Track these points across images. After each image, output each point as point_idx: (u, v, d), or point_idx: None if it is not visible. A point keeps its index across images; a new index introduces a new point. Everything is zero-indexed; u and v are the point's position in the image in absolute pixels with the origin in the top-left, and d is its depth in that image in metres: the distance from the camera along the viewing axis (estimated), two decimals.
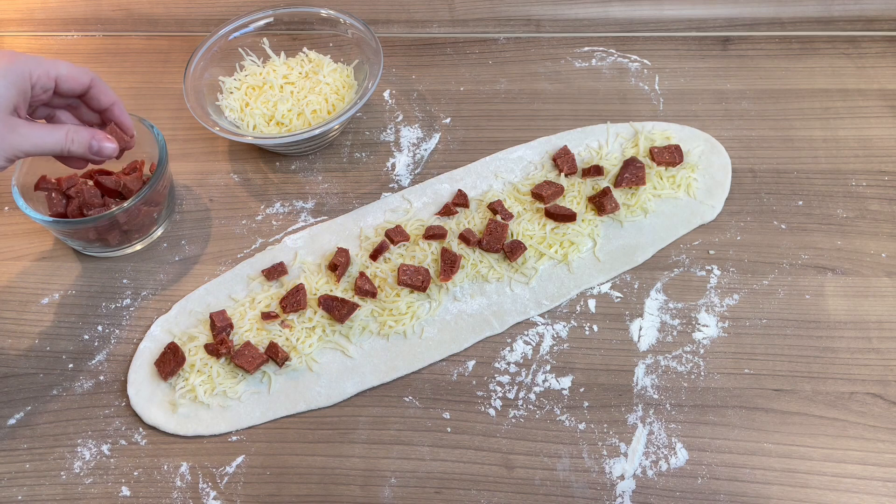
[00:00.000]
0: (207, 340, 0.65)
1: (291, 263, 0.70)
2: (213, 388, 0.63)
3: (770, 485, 0.57)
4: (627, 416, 0.61)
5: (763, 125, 0.79)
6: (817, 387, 0.61)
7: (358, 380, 0.63)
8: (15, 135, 0.55)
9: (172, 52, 0.91)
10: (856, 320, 0.65)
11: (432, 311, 0.66)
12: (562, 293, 0.67)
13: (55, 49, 0.92)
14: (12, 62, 0.56)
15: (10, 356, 0.67)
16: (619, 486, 0.57)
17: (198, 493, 0.59)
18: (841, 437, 0.59)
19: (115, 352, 0.66)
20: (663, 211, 0.72)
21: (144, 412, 0.62)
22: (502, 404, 0.62)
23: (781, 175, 0.75)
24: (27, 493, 0.59)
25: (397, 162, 0.79)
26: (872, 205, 0.72)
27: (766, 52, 0.86)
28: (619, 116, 0.80)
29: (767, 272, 0.68)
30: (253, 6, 0.85)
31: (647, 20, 0.89)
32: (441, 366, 0.64)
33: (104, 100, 0.64)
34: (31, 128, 0.57)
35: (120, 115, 0.65)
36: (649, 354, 0.64)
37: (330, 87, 0.79)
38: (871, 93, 0.81)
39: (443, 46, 0.89)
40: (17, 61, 0.56)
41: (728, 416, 0.60)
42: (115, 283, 0.71)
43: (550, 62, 0.87)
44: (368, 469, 0.59)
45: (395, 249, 0.70)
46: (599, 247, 0.70)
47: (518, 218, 0.71)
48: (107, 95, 0.64)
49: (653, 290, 0.67)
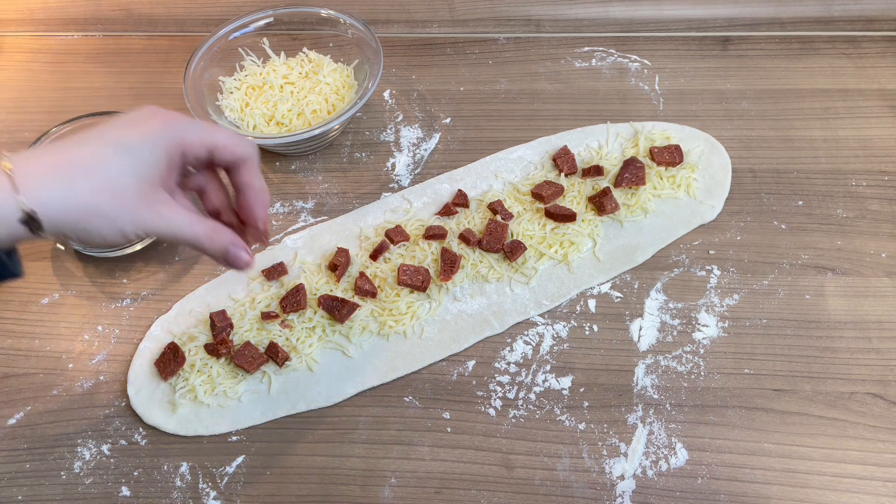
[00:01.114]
0: (207, 340, 0.65)
1: (291, 263, 0.70)
2: (213, 388, 0.63)
3: (770, 485, 0.57)
4: (627, 416, 0.61)
5: (763, 125, 0.79)
6: (817, 387, 0.61)
7: (358, 380, 0.63)
8: (151, 212, 0.48)
9: (172, 52, 0.91)
10: (856, 320, 0.65)
11: (432, 311, 0.66)
12: (562, 293, 0.67)
13: (55, 49, 0.92)
14: (167, 125, 0.48)
15: (10, 356, 0.67)
16: (619, 486, 0.57)
17: (198, 493, 0.59)
18: (841, 437, 0.59)
19: (115, 352, 0.66)
20: (663, 211, 0.72)
21: (144, 412, 0.62)
22: (502, 404, 0.62)
23: (781, 175, 0.75)
24: (27, 493, 0.59)
25: (397, 162, 0.79)
26: (872, 205, 0.72)
27: (766, 52, 0.86)
28: (619, 116, 0.80)
29: (767, 272, 0.68)
30: (253, 6, 0.85)
31: (647, 20, 0.89)
32: (441, 366, 0.64)
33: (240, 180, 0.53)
34: (172, 210, 0.49)
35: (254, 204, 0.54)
36: (649, 354, 0.64)
37: (330, 87, 0.79)
38: (871, 93, 0.81)
39: (443, 46, 0.89)
40: (171, 125, 0.48)
41: (728, 416, 0.60)
42: (115, 283, 0.71)
43: (550, 62, 0.87)
44: (368, 469, 0.59)
45: (395, 249, 0.70)
46: (599, 247, 0.70)
47: (518, 218, 0.71)
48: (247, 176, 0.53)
49: (653, 290, 0.67)
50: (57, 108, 0.86)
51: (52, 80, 0.89)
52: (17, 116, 0.85)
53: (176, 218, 0.49)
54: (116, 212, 0.46)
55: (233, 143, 0.51)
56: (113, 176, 0.46)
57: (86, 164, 0.45)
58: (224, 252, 0.52)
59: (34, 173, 0.44)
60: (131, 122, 0.48)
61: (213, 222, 0.52)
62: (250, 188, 0.53)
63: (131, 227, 0.47)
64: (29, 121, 0.85)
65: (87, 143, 0.46)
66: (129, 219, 0.47)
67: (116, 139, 0.46)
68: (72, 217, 0.45)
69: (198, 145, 0.49)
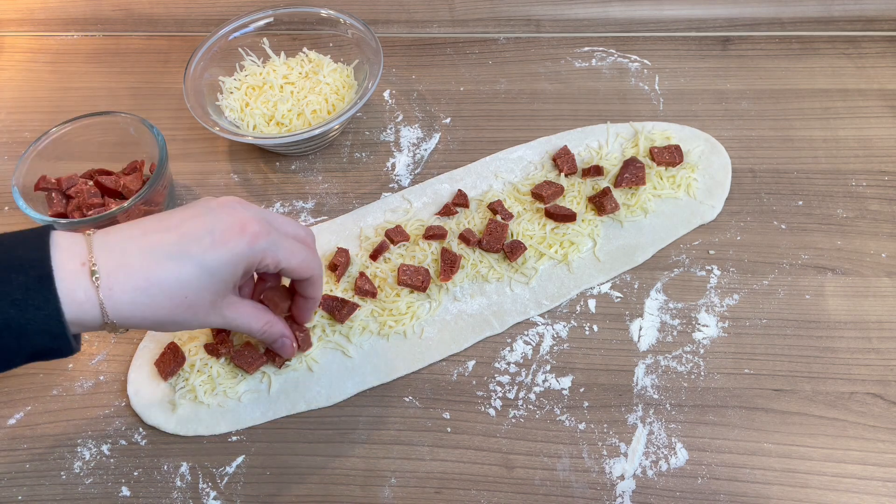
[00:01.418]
0: (207, 340, 0.65)
1: None
2: (213, 388, 0.63)
3: (770, 485, 0.57)
4: (627, 416, 0.61)
5: (763, 125, 0.79)
6: (817, 387, 0.61)
7: (358, 380, 0.63)
8: (217, 315, 0.53)
9: (172, 52, 0.91)
10: (856, 320, 0.65)
11: (432, 311, 0.66)
12: (562, 293, 0.67)
13: (55, 49, 0.92)
14: (253, 244, 0.51)
15: None
16: (619, 486, 0.57)
17: (198, 493, 0.59)
18: (841, 437, 0.59)
19: (115, 352, 0.66)
20: (663, 211, 0.72)
21: (144, 412, 0.62)
22: (502, 404, 0.62)
23: (781, 175, 0.75)
24: (27, 493, 0.59)
25: (397, 162, 0.79)
26: (872, 205, 0.72)
27: (766, 52, 0.86)
28: (619, 116, 0.80)
29: (767, 272, 0.68)
30: (253, 6, 0.85)
31: (647, 20, 0.89)
32: (441, 366, 0.64)
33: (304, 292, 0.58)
34: (240, 306, 0.55)
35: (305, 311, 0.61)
36: (649, 354, 0.64)
37: (330, 87, 0.79)
38: (871, 93, 0.81)
39: (443, 46, 0.89)
40: (255, 245, 0.51)
41: (728, 416, 0.60)
42: None
43: (550, 62, 0.87)
44: (368, 469, 0.59)
45: (395, 249, 0.70)
46: (599, 247, 0.70)
47: (518, 218, 0.71)
48: (311, 290, 0.58)
49: (653, 290, 0.67)
50: (57, 108, 0.86)
51: (52, 80, 0.89)
52: (17, 116, 0.85)
53: (244, 312, 0.55)
54: (188, 319, 0.51)
55: (303, 269, 0.55)
56: (192, 295, 0.49)
57: (170, 288, 0.48)
58: (275, 340, 0.59)
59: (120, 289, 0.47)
60: (216, 238, 0.50)
61: (268, 316, 0.57)
62: (310, 300, 0.59)
63: (200, 326, 0.53)
64: (29, 121, 0.85)
65: (172, 259, 0.48)
66: (198, 324, 0.52)
67: (201, 258, 0.49)
68: (147, 323, 0.50)
69: (272, 265, 0.53)
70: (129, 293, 0.47)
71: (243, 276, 0.53)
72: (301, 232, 0.57)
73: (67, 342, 0.46)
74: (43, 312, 0.44)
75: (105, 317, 0.47)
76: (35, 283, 0.44)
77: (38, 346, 0.45)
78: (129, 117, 0.73)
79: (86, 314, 0.46)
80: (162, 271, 0.48)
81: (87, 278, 0.46)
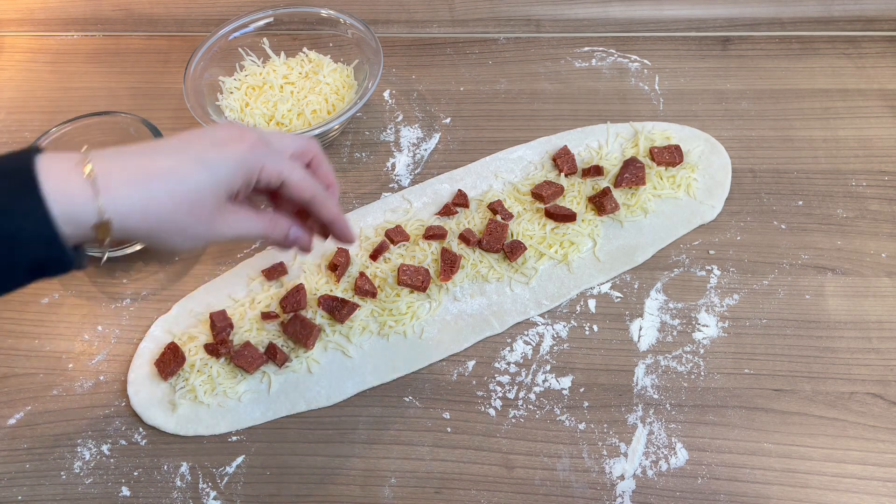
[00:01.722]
0: (207, 340, 0.65)
1: (291, 263, 0.70)
2: (213, 388, 0.63)
3: (770, 485, 0.57)
4: (627, 416, 0.61)
5: (763, 125, 0.79)
6: (817, 387, 0.61)
7: (358, 380, 0.63)
8: (221, 222, 0.50)
9: (172, 52, 0.91)
10: (856, 320, 0.65)
11: (432, 311, 0.66)
12: (562, 293, 0.67)
13: (55, 49, 0.92)
14: (252, 150, 0.50)
15: (10, 356, 0.67)
16: (619, 486, 0.57)
17: (198, 493, 0.59)
18: (841, 437, 0.59)
19: (115, 352, 0.66)
20: (663, 211, 0.72)
21: (144, 412, 0.62)
22: (502, 404, 0.62)
23: (781, 175, 0.75)
24: (27, 493, 0.59)
25: (397, 162, 0.79)
26: (872, 205, 0.72)
27: (766, 52, 0.86)
28: (619, 116, 0.80)
29: (767, 272, 0.68)
30: (253, 6, 0.85)
31: (647, 20, 0.89)
32: (441, 366, 0.64)
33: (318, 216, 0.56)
34: (237, 215, 0.52)
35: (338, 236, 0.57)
36: (649, 354, 0.64)
37: (330, 87, 0.79)
38: (871, 93, 0.81)
39: (443, 46, 0.89)
40: (256, 151, 0.50)
41: (728, 416, 0.60)
42: (115, 283, 0.71)
43: (550, 62, 0.87)
44: (368, 469, 0.59)
45: (395, 249, 0.70)
46: (599, 247, 0.70)
47: (518, 218, 0.71)
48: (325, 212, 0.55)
49: (653, 290, 0.67)
50: (57, 108, 0.86)
51: (52, 80, 0.89)
52: (17, 116, 0.86)
53: (242, 220, 0.52)
54: (190, 224, 0.48)
55: (303, 185, 0.53)
56: (192, 189, 0.47)
57: (167, 176, 0.46)
58: (285, 238, 0.55)
59: (116, 179, 0.44)
60: (216, 140, 0.49)
61: (270, 214, 0.54)
62: (336, 223, 0.56)
63: (202, 237, 0.50)
64: (29, 121, 0.85)
65: (170, 155, 0.47)
66: (202, 230, 0.49)
67: (198, 155, 0.48)
68: (147, 225, 0.46)
69: (274, 176, 0.51)
70: (127, 185, 0.45)
71: (242, 185, 0.50)
72: (302, 142, 0.55)
73: (62, 251, 0.43)
74: (32, 217, 0.42)
75: (101, 213, 0.43)
76: (19, 187, 0.42)
77: (33, 256, 0.43)
78: (129, 117, 0.73)
79: (78, 209, 0.43)
80: (161, 163, 0.46)
81: (80, 174, 0.43)
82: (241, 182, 0.50)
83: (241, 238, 0.53)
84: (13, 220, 0.42)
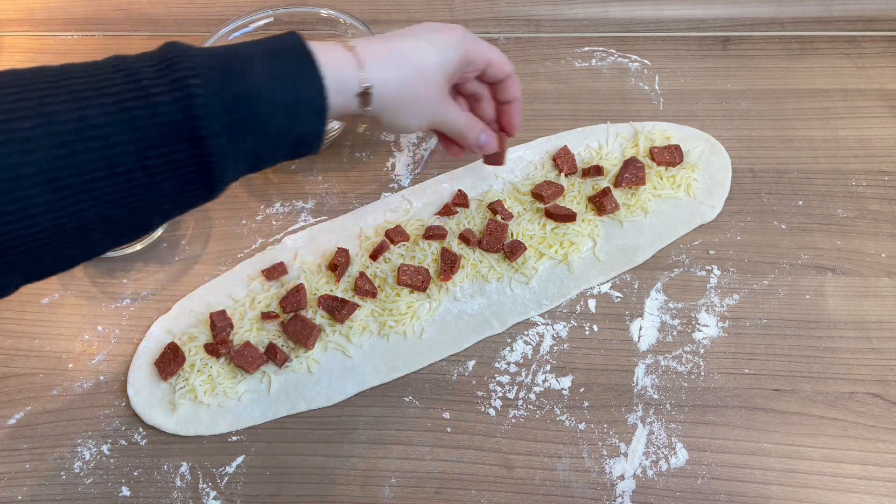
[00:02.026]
0: (207, 340, 0.65)
1: (291, 263, 0.70)
2: (213, 388, 0.63)
3: (770, 485, 0.57)
4: (627, 416, 0.61)
5: (763, 125, 0.79)
6: (817, 387, 0.61)
7: (358, 380, 0.63)
8: (444, 105, 0.58)
9: None
10: (856, 320, 0.65)
11: (432, 311, 0.66)
12: (562, 293, 0.67)
13: (55, 49, 0.92)
14: (464, 34, 0.58)
15: (10, 356, 0.67)
16: (619, 486, 0.57)
17: (198, 493, 0.59)
18: (841, 437, 0.59)
19: (115, 352, 0.66)
20: (663, 211, 0.72)
21: (144, 412, 0.62)
22: (502, 404, 0.62)
23: (781, 175, 0.75)
24: (27, 493, 0.59)
25: (397, 162, 0.79)
26: (872, 205, 0.72)
27: (766, 52, 0.86)
28: (619, 116, 0.80)
29: (767, 272, 0.68)
30: (253, 6, 0.85)
31: (647, 20, 0.89)
32: (441, 366, 0.64)
33: (508, 94, 0.64)
34: (451, 104, 0.60)
35: (514, 115, 0.66)
36: (649, 354, 0.64)
37: None
38: (871, 93, 0.81)
39: None
40: (466, 35, 0.58)
41: (728, 416, 0.60)
42: (115, 283, 0.71)
43: (550, 62, 0.87)
44: (368, 469, 0.59)
45: (395, 249, 0.70)
46: (599, 247, 0.70)
47: (518, 218, 0.71)
48: (513, 90, 0.64)
49: (653, 290, 0.67)
50: None
51: None
52: None
53: (453, 110, 0.60)
54: (423, 99, 0.55)
55: (503, 61, 0.61)
56: (428, 66, 0.55)
57: (410, 53, 0.54)
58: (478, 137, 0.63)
59: (371, 54, 0.52)
60: (435, 28, 0.57)
61: (470, 114, 0.63)
62: (515, 101, 0.65)
63: (429, 116, 0.58)
64: None
65: (407, 38, 0.55)
66: (430, 108, 0.57)
67: (430, 38, 0.55)
68: (393, 96, 0.53)
69: (479, 57, 0.59)
70: (381, 59, 0.52)
71: (458, 68, 0.58)
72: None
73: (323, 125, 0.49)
74: (313, 87, 0.47)
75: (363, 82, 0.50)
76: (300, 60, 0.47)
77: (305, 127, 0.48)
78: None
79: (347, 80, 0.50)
80: (404, 44, 0.54)
81: (343, 49, 0.50)
82: (457, 64, 0.57)
83: (452, 126, 0.60)
84: (299, 89, 0.47)
